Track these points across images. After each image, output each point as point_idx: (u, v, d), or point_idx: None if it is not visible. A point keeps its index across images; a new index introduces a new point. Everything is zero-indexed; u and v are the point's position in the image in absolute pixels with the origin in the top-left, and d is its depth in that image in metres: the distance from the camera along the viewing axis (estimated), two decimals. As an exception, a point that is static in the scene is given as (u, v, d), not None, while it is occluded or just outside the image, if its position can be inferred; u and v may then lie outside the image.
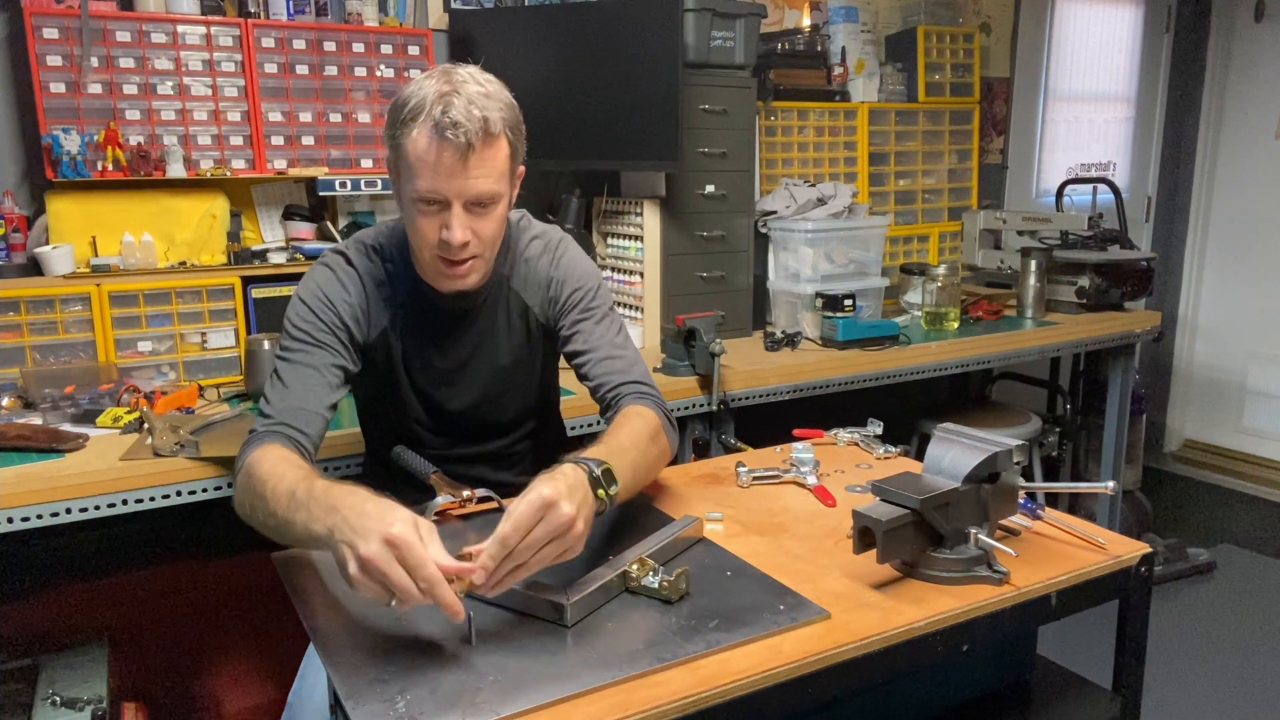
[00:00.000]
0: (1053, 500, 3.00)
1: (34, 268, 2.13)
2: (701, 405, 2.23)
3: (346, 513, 1.01)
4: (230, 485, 1.70)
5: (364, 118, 2.42)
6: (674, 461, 1.53)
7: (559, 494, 1.03)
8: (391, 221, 1.55)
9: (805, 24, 3.23)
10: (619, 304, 2.60)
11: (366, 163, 2.43)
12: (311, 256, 2.30)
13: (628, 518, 1.34)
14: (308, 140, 2.36)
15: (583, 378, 1.53)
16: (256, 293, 2.19)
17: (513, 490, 1.54)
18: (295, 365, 1.40)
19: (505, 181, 1.39)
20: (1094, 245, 3.19)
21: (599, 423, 2.09)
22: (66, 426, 1.79)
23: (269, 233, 2.41)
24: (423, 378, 1.54)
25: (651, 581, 1.11)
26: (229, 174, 2.27)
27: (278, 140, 2.32)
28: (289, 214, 2.40)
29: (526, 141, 1.43)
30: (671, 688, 0.93)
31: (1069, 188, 3.84)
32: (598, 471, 1.13)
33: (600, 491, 1.13)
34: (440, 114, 1.28)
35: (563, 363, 1.64)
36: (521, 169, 1.45)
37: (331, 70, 2.36)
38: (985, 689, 1.33)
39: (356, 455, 1.81)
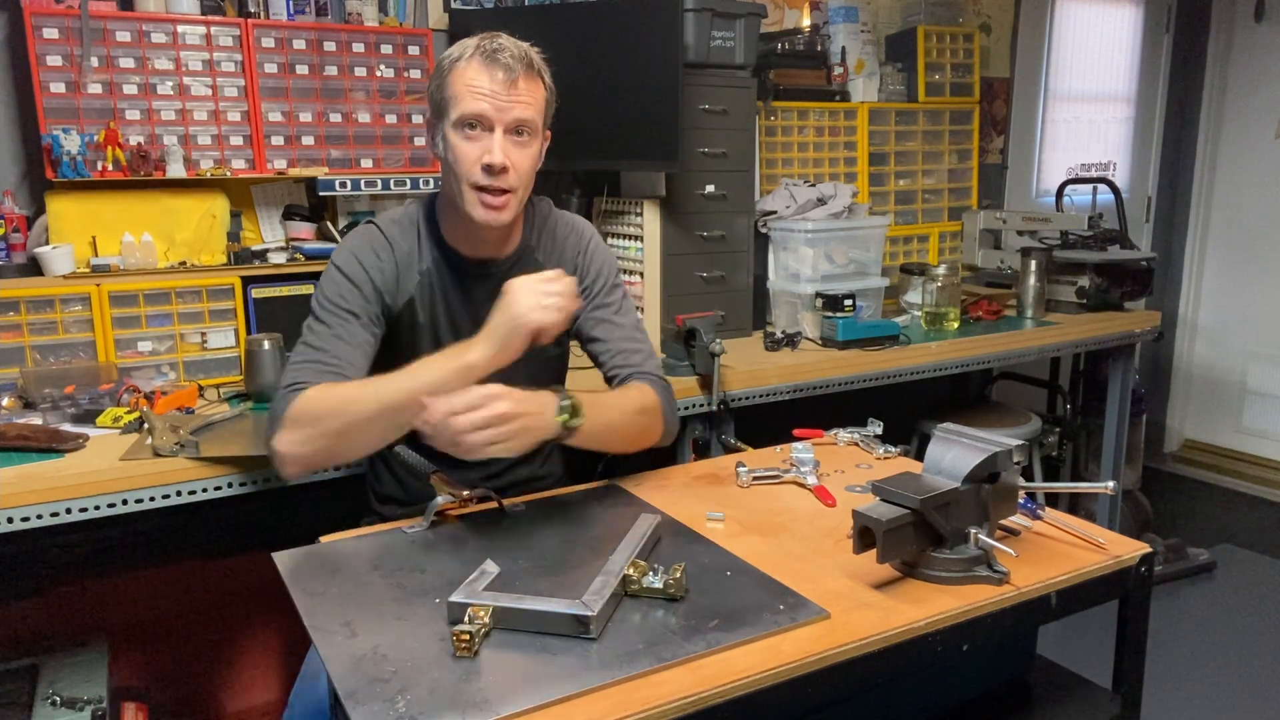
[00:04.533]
0: (1053, 500, 3.00)
1: (34, 268, 2.13)
2: (701, 405, 2.23)
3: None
4: (230, 485, 1.70)
5: (364, 118, 2.41)
6: (674, 461, 1.54)
7: (508, 394, 1.21)
8: (415, 205, 1.60)
9: (805, 24, 3.23)
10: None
11: (366, 163, 2.43)
12: (311, 256, 2.30)
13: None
14: (308, 140, 2.35)
15: (598, 363, 1.61)
16: (256, 293, 2.19)
17: (526, 490, 1.56)
18: (330, 337, 1.42)
19: (541, 121, 1.46)
20: (1094, 245, 3.18)
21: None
22: (66, 426, 1.79)
23: (269, 233, 2.41)
24: (448, 345, 1.53)
25: (653, 581, 1.10)
26: (229, 174, 2.27)
27: (278, 140, 2.32)
28: (289, 214, 2.40)
29: None
30: (671, 688, 0.93)
31: (1069, 188, 3.84)
32: (565, 401, 1.30)
33: (563, 418, 1.29)
34: (488, 44, 1.40)
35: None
36: (548, 133, 1.51)
37: (331, 70, 2.36)
38: (985, 688, 1.34)
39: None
